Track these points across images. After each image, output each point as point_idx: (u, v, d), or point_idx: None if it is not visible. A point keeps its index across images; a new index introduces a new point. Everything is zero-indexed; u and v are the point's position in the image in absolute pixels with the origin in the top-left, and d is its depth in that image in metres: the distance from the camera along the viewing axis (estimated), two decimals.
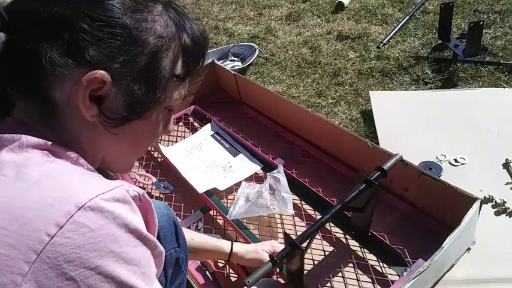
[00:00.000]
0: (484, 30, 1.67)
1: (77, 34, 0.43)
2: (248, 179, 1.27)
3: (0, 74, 0.45)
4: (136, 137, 0.53)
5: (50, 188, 0.40)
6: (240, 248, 0.97)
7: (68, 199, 0.38)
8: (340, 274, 1.00)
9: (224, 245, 0.96)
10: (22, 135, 0.43)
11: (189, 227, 1.15)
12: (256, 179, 1.28)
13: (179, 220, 1.09)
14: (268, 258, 0.84)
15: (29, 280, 0.36)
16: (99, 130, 0.48)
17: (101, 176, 0.46)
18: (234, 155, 1.37)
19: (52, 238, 0.37)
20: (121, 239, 0.40)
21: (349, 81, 1.76)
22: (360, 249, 1.05)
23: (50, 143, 0.44)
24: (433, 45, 1.85)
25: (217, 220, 1.18)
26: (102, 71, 0.44)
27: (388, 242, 1.02)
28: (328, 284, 0.98)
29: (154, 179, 1.32)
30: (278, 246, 0.98)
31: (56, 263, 0.36)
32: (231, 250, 0.95)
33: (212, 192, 1.22)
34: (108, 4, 0.45)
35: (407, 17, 2.06)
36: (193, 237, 0.92)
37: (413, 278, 0.80)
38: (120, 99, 0.47)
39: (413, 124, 1.44)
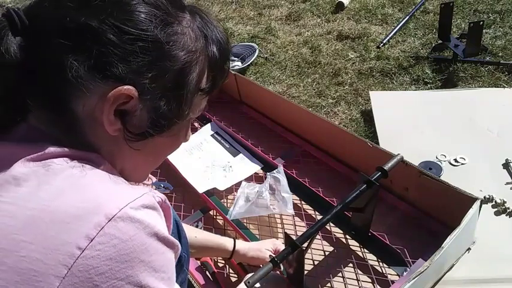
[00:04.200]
0: (484, 30, 1.67)
1: (105, 47, 0.41)
2: (248, 179, 1.27)
3: (17, 81, 0.43)
4: (157, 150, 0.52)
5: (76, 198, 0.39)
6: (242, 245, 0.96)
7: (97, 210, 0.38)
8: (340, 274, 1.00)
9: (227, 242, 0.95)
10: (42, 143, 0.42)
11: None
12: (256, 179, 1.28)
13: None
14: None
15: None
16: (120, 144, 0.47)
17: (125, 181, 0.45)
18: (234, 155, 1.37)
19: (83, 251, 0.36)
20: (151, 248, 0.40)
21: (349, 81, 1.76)
22: (360, 249, 1.05)
23: (71, 150, 0.43)
24: (433, 45, 1.85)
25: (217, 220, 1.18)
26: (130, 87, 0.43)
27: (388, 242, 1.01)
28: (328, 284, 0.98)
29: (154, 179, 1.32)
30: (280, 244, 0.98)
31: (87, 276, 0.36)
32: (234, 247, 0.95)
33: (212, 192, 1.22)
34: (139, 16, 0.43)
35: (408, 17, 2.06)
36: (196, 234, 0.91)
37: (413, 278, 0.80)
38: (145, 115, 0.46)
39: (413, 124, 1.44)
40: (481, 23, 1.53)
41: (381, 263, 1.00)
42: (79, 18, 0.41)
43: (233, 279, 1.02)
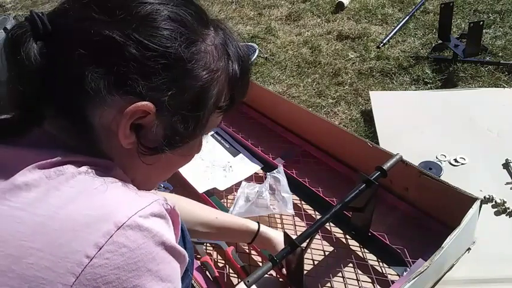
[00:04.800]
0: (484, 30, 1.66)
1: (127, 62, 0.41)
2: (248, 179, 1.27)
3: (35, 87, 0.42)
4: (169, 164, 0.53)
5: (86, 206, 0.38)
6: (268, 230, 0.94)
7: (107, 218, 0.37)
8: (340, 274, 1.00)
9: (250, 223, 0.93)
10: (55, 149, 0.42)
11: None
12: (256, 179, 1.28)
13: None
14: None
15: None
16: (133, 156, 0.47)
17: (134, 187, 0.45)
18: (234, 155, 1.37)
19: (91, 260, 0.36)
20: (158, 257, 0.40)
21: (349, 81, 1.76)
22: (360, 249, 1.05)
23: (83, 157, 0.43)
24: (433, 45, 1.85)
25: None
26: (148, 103, 0.42)
27: (388, 242, 1.01)
28: (328, 284, 0.98)
29: None
30: None
31: (94, 285, 0.36)
32: (258, 230, 0.93)
33: (212, 192, 1.22)
34: (164, 32, 0.42)
35: (408, 17, 2.06)
36: (217, 215, 0.91)
37: (413, 278, 0.80)
38: (161, 131, 0.45)
39: (413, 124, 1.44)
40: (481, 23, 1.53)
41: (380, 263, 1.00)
42: (104, 31, 0.41)
43: (233, 280, 1.02)
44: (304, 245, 0.84)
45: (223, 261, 1.06)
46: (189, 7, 0.46)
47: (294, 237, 0.84)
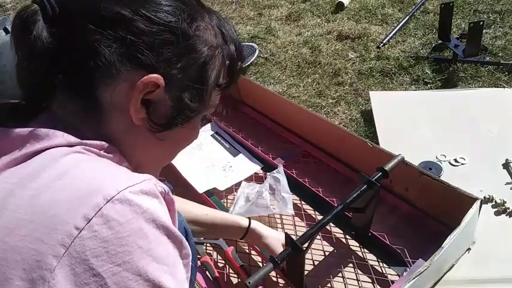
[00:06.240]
0: (484, 30, 1.66)
1: (137, 37, 0.43)
2: (248, 179, 1.27)
3: (46, 68, 0.43)
4: (174, 142, 0.54)
5: (77, 179, 0.39)
6: (259, 226, 0.94)
7: (97, 191, 0.37)
8: (340, 274, 1.00)
9: (240, 220, 0.94)
10: (54, 131, 0.43)
11: None
12: (256, 179, 1.28)
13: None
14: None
15: (56, 275, 0.35)
16: (141, 134, 0.48)
17: (129, 168, 0.46)
18: (234, 155, 1.37)
19: (80, 231, 0.36)
20: (150, 235, 0.39)
21: (349, 81, 1.76)
22: (360, 249, 1.05)
23: (83, 140, 0.44)
24: (433, 45, 1.85)
25: None
26: (158, 75, 0.45)
27: (388, 242, 1.02)
28: (328, 284, 0.98)
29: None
30: None
31: (83, 258, 0.35)
32: (249, 226, 0.93)
33: (212, 192, 1.22)
34: (169, 8, 0.45)
35: (407, 17, 2.06)
36: (207, 212, 0.91)
37: (413, 278, 0.81)
38: (168, 105, 0.47)
39: (413, 124, 1.44)
40: (481, 23, 1.53)
41: (381, 263, 1.01)
42: (113, 8, 0.43)
43: (233, 280, 1.02)
44: (305, 245, 0.84)
45: (223, 261, 1.06)
46: None
47: (294, 237, 0.84)
